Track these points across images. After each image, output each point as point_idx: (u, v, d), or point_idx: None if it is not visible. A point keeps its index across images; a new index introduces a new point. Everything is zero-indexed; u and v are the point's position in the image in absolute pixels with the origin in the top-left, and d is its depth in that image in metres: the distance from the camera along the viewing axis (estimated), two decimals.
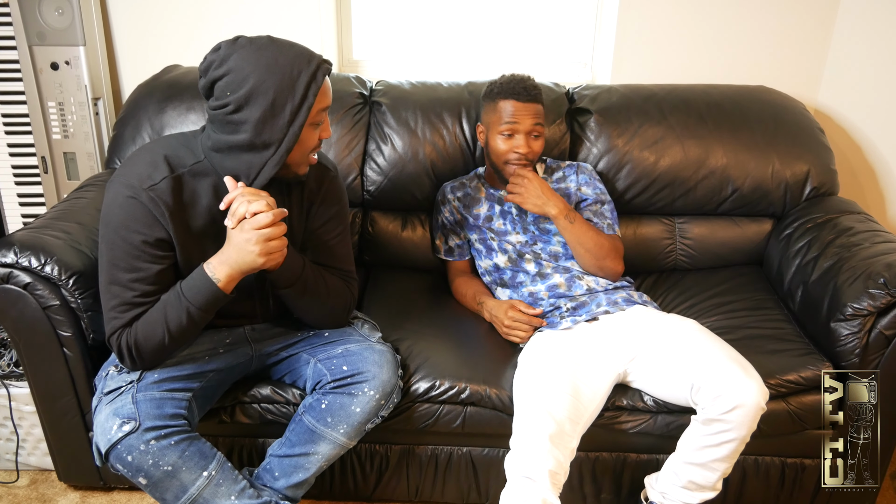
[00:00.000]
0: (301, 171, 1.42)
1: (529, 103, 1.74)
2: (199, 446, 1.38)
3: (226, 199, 1.34)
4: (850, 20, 2.21)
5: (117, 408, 1.35)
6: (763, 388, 1.41)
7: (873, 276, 1.56)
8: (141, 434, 1.32)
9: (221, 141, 1.35)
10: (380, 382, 1.47)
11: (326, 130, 1.41)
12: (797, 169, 2.00)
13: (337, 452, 1.50)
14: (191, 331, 1.38)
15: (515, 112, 1.73)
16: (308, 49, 1.34)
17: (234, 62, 1.29)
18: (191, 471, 1.35)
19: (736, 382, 1.39)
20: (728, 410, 1.39)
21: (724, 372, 1.42)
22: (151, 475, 1.33)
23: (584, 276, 1.77)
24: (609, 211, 1.87)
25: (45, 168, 2.23)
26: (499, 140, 1.76)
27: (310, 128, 1.35)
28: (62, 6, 2.08)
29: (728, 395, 1.39)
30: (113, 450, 1.32)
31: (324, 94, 1.35)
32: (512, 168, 1.76)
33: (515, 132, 1.74)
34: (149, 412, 1.34)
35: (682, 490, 1.51)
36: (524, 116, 1.73)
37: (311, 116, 1.33)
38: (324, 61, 1.34)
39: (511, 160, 1.76)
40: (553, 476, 1.36)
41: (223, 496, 1.39)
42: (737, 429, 1.40)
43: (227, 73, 1.29)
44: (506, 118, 1.74)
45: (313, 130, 1.37)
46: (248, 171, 1.35)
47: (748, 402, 1.38)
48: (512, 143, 1.75)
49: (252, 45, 1.30)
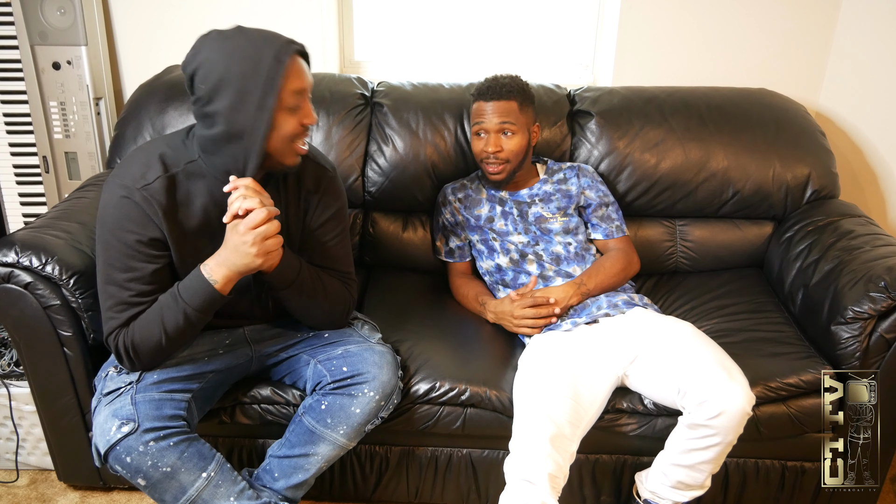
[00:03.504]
0: (288, 162, 1.38)
1: (495, 101, 1.74)
2: (199, 447, 1.38)
3: (231, 184, 1.33)
4: (852, 23, 2.21)
5: (116, 409, 1.35)
6: (748, 394, 1.40)
7: (874, 279, 1.56)
8: (140, 435, 1.32)
9: (204, 137, 1.35)
10: (380, 384, 1.46)
11: (309, 116, 1.36)
12: (798, 172, 2.00)
13: (337, 453, 1.50)
14: (188, 332, 1.38)
15: (482, 111, 1.75)
16: (276, 33, 1.32)
17: (203, 54, 1.29)
18: (190, 472, 1.35)
19: (720, 388, 1.39)
20: (712, 416, 1.39)
21: (708, 377, 1.41)
22: (150, 476, 1.33)
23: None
24: (615, 212, 1.88)
25: (47, 167, 2.23)
26: (474, 141, 1.80)
27: (284, 112, 1.31)
28: (64, 6, 2.08)
29: (712, 401, 1.39)
30: (112, 451, 1.32)
31: (295, 77, 1.30)
32: (486, 167, 1.78)
33: (484, 131, 1.76)
34: (148, 413, 1.34)
35: (672, 490, 1.52)
36: (490, 115, 1.74)
37: (283, 100, 1.30)
38: (292, 42, 1.31)
39: (484, 159, 1.78)
40: (552, 479, 1.36)
41: (222, 497, 1.39)
42: (722, 434, 1.40)
43: (199, 67, 1.29)
44: (475, 118, 1.78)
45: (289, 115, 1.32)
46: (235, 164, 1.34)
47: (732, 409, 1.38)
48: (482, 143, 1.77)
49: (220, 36, 1.31)
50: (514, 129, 1.75)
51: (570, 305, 1.71)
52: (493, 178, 1.80)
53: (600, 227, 1.87)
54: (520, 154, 1.78)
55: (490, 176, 1.80)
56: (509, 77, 1.79)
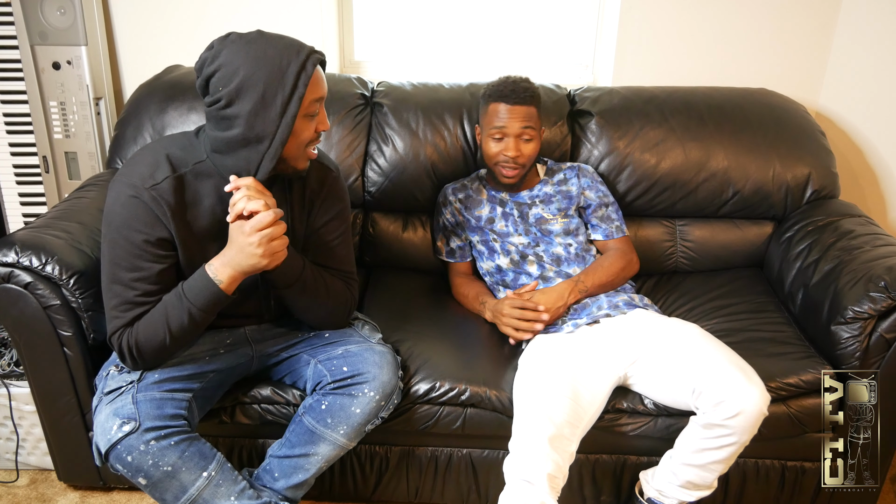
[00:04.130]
0: (300, 166, 1.40)
1: (518, 106, 1.71)
2: (199, 447, 1.38)
3: (232, 183, 1.33)
4: (852, 23, 2.21)
5: (117, 408, 1.35)
6: (765, 394, 1.41)
7: (874, 279, 1.56)
8: (141, 434, 1.32)
9: (218, 139, 1.34)
10: (380, 383, 1.46)
11: (324, 122, 1.39)
12: (798, 172, 2.00)
13: (337, 453, 1.50)
14: (192, 331, 1.38)
15: (504, 115, 1.72)
16: (298, 40, 1.33)
17: (224, 57, 1.29)
18: (190, 471, 1.35)
19: (738, 388, 1.39)
20: (730, 416, 1.39)
21: (726, 378, 1.42)
22: (151, 475, 1.33)
23: None
24: (614, 212, 1.89)
25: (47, 167, 2.23)
26: (490, 143, 1.76)
27: (304, 119, 1.34)
28: (64, 6, 2.08)
29: (731, 401, 1.39)
30: (113, 450, 1.32)
31: (316, 84, 1.33)
32: (501, 170, 1.76)
33: (504, 135, 1.73)
34: (149, 412, 1.34)
35: (680, 489, 1.52)
36: (512, 120, 1.72)
37: (303, 107, 1.32)
38: (314, 51, 1.32)
39: (500, 162, 1.76)
40: (552, 480, 1.36)
41: (223, 496, 1.39)
42: (738, 434, 1.41)
43: (218, 69, 1.29)
44: (496, 121, 1.73)
45: (308, 122, 1.35)
46: (248, 167, 1.34)
47: (750, 409, 1.38)
48: (501, 146, 1.74)
49: (242, 40, 1.30)
50: (533, 133, 1.74)
51: (568, 304, 1.71)
52: (506, 182, 1.79)
53: (600, 227, 1.87)
54: (534, 158, 1.78)
55: (503, 179, 1.78)
56: (526, 80, 1.77)
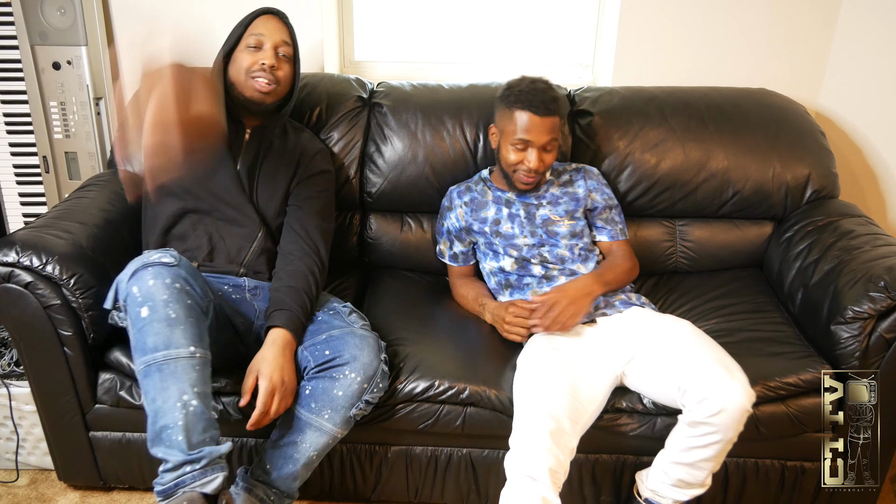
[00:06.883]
0: (247, 94, 1.64)
1: (546, 117, 1.65)
2: (205, 335, 1.38)
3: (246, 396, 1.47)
4: (852, 23, 2.21)
5: (165, 252, 1.40)
6: (748, 391, 1.40)
7: (874, 279, 1.56)
8: (176, 271, 1.36)
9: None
10: (360, 365, 1.48)
11: (269, 58, 1.63)
12: (798, 172, 2.00)
13: (326, 442, 1.50)
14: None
15: (531, 126, 1.65)
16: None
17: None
18: (187, 336, 1.34)
19: (720, 386, 1.39)
20: (713, 414, 1.39)
21: (708, 375, 1.42)
22: (155, 312, 1.32)
23: None
24: (618, 215, 1.89)
25: (47, 167, 2.23)
26: (511, 150, 1.70)
27: (245, 50, 1.64)
28: (64, 6, 2.08)
29: (712, 398, 1.39)
30: (144, 269, 1.35)
31: (260, 24, 1.65)
32: (521, 177, 1.73)
33: (529, 146, 1.68)
34: (187, 273, 1.39)
35: (672, 488, 1.52)
36: (540, 133, 1.66)
37: (244, 38, 1.64)
38: (272, 8, 1.68)
39: (520, 170, 1.73)
40: (553, 475, 1.36)
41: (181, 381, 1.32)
42: (722, 431, 1.41)
43: None
44: (520, 132, 1.66)
45: (249, 53, 1.64)
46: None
47: (732, 406, 1.38)
48: (524, 156, 1.70)
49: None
50: (556, 144, 1.71)
51: (595, 296, 1.68)
52: (523, 188, 1.77)
53: (605, 229, 1.87)
54: (550, 166, 1.76)
55: (521, 185, 1.75)
56: (548, 85, 1.71)
